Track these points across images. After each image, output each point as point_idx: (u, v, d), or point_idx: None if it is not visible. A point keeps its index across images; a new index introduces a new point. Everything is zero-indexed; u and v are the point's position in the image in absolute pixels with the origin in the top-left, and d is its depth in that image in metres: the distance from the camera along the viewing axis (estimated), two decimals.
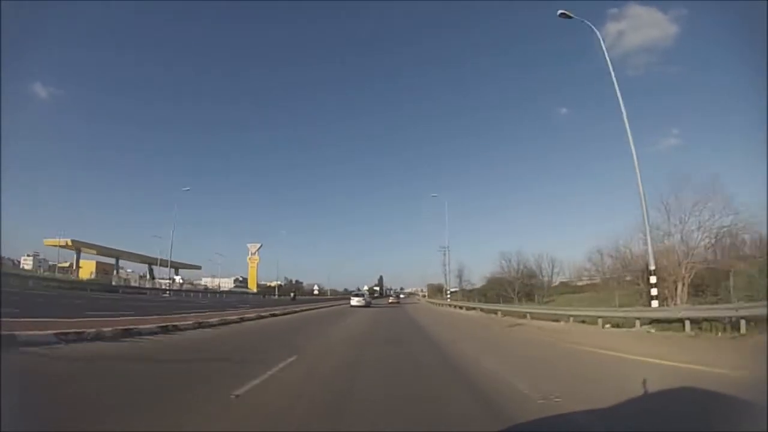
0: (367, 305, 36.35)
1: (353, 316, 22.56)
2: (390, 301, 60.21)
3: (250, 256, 51.05)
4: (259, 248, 50.26)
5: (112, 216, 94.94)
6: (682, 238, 16.63)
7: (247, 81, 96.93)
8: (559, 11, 16.32)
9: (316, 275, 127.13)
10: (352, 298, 38.59)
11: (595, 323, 14.83)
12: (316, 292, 76.18)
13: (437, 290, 70.59)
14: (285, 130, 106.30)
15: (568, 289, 41.61)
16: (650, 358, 7.22)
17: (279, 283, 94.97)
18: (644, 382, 4.43)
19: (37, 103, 64.25)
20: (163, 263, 46.81)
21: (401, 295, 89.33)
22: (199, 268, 57.43)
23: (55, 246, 40.53)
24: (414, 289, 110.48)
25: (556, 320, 17.97)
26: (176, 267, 52.79)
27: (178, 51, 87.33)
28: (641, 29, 71.05)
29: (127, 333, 8.20)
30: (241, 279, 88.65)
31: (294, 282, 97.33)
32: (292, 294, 51.13)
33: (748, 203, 15.75)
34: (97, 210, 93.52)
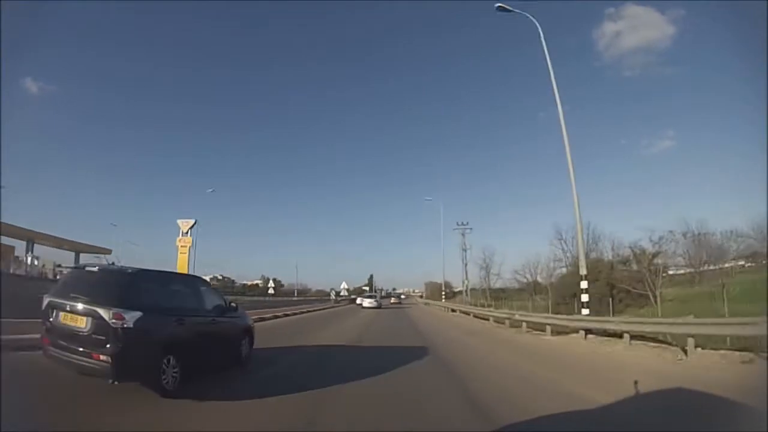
0: (378, 306, 37.12)
1: None
2: (392, 301, 57.39)
3: (180, 237, 40.38)
4: (193, 226, 39.76)
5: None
6: None
7: (236, 78, 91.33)
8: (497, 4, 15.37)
9: (300, 274, 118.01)
10: (363, 299, 40.08)
11: None
12: (271, 291, 65.24)
13: (439, 290, 57.77)
14: (273, 129, 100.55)
15: None
16: None
17: (258, 281, 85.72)
18: None
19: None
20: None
21: (402, 296, 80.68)
22: (108, 252, 45.74)
23: None
24: (407, 289, 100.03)
25: None
26: (78, 251, 42.63)
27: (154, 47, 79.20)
28: (638, 30, 69.11)
29: None
30: (220, 278, 77.59)
31: (270, 279, 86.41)
32: None
33: None
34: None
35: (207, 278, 66.28)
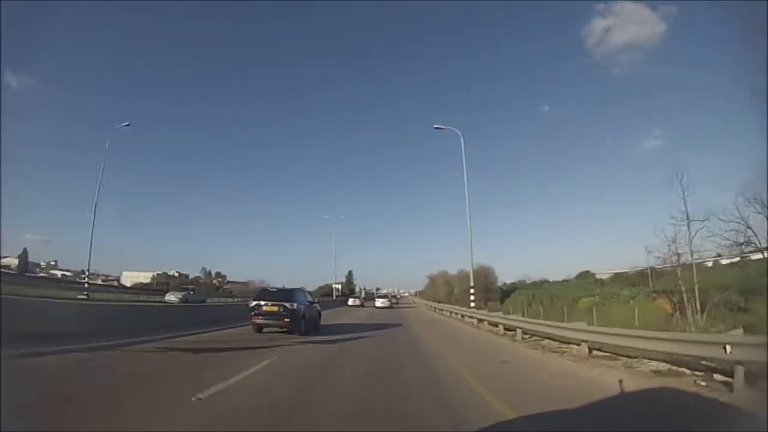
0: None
1: None
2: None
3: None
4: None
5: None
6: None
7: (226, 76, 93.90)
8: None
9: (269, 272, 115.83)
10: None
11: None
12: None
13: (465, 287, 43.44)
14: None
15: None
16: None
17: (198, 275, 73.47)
18: None
19: None
20: None
21: (396, 297, 71.18)
22: None
23: None
24: (393, 290, 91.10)
25: None
26: None
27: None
28: (629, 26, 68.94)
29: None
30: (176, 275, 71.21)
31: (214, 275, 75.77)
32: None
33: None
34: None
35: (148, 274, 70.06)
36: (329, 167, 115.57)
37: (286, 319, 12.03)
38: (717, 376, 5.86)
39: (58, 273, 64.96)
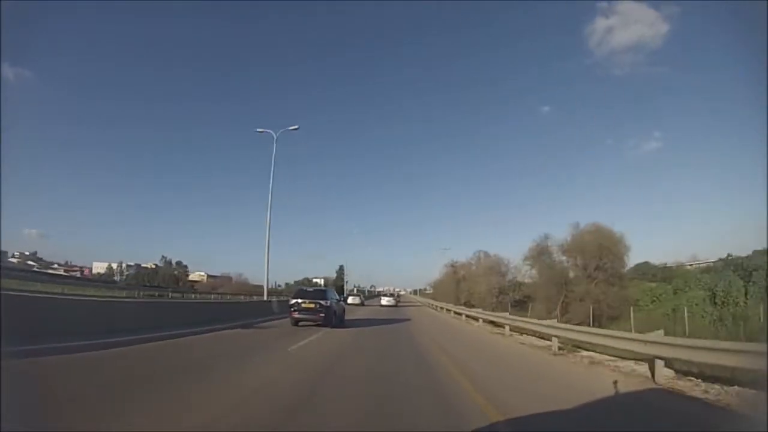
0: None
1: None
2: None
3: None
4: None
5: None
6: None
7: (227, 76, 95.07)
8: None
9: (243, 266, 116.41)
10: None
11: None
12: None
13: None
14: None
15: None
16: None
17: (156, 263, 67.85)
18: None
19: None
20: None
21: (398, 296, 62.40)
22: None
23: None
24: (388, 288, 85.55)
25: None
26: None
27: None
28: (631, 26, 70.06)
29: None
30: (153, 266, 69.14)
31: (174, 264, 67.86)
32: None
33: None
34: None
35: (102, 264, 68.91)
36: (324, 162, 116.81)
37: (321, 315, 14.39)
38: None
39: (14, 261, 61.39)
